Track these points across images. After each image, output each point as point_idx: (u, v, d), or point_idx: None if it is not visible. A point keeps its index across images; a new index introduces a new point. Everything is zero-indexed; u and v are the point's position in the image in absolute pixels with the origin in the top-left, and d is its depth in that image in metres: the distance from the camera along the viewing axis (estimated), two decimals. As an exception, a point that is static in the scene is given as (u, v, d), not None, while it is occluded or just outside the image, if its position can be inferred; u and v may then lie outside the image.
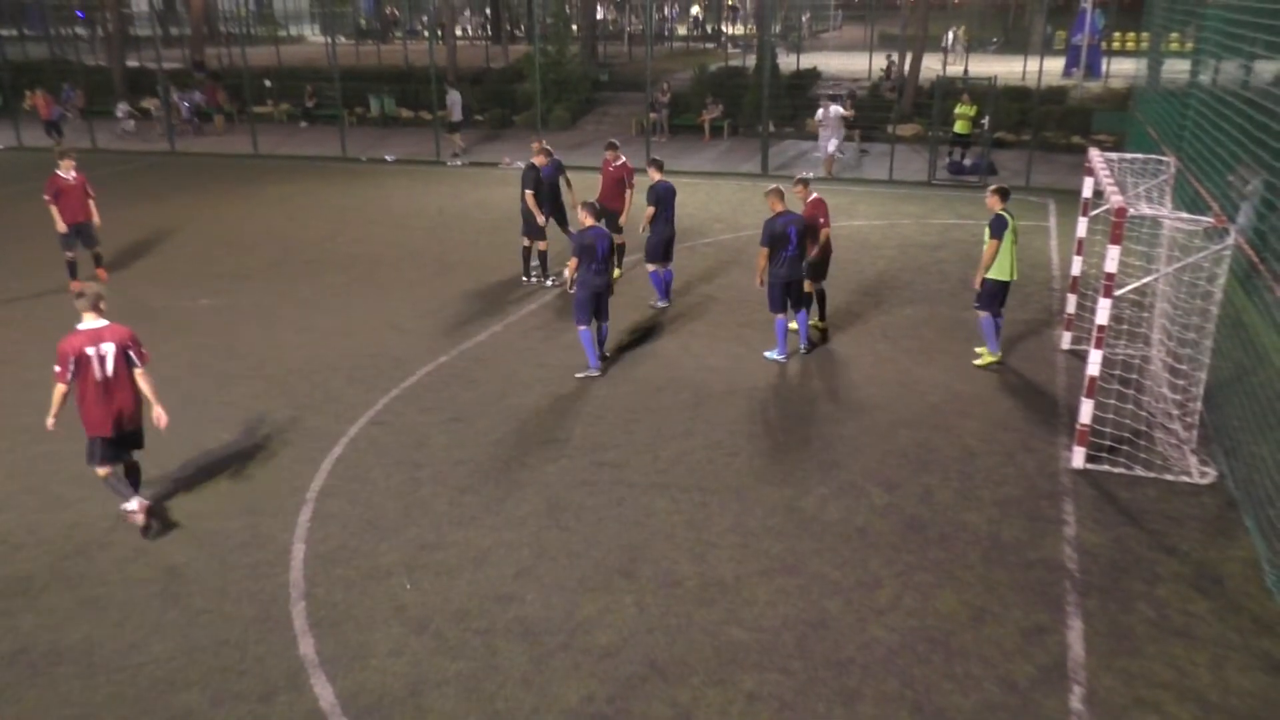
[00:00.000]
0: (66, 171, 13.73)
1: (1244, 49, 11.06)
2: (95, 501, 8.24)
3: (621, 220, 13.94)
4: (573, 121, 29.69)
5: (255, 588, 7.08)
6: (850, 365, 11.21)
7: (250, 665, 6.27)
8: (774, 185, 11.07)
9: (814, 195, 11.52)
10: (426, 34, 42.18)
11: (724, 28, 51.84)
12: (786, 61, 32.31)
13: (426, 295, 13.80)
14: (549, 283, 14.17)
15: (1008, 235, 10.50)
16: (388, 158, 25.01)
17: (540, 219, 13.70)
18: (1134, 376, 10.02)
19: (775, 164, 23.45)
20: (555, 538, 7.71)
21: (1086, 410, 8.60)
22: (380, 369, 11.09)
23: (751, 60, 31.92)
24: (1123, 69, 30.72)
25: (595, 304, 10.66)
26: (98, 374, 7.37)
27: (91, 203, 13.94)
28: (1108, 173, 9.95)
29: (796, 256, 10.87)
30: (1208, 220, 8.60)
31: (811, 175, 14.42)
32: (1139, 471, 8.64)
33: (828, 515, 8.03)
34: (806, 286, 11.36)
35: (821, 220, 11.35)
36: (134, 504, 7.73)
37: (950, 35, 36.83)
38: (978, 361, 11.12)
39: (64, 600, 6.94)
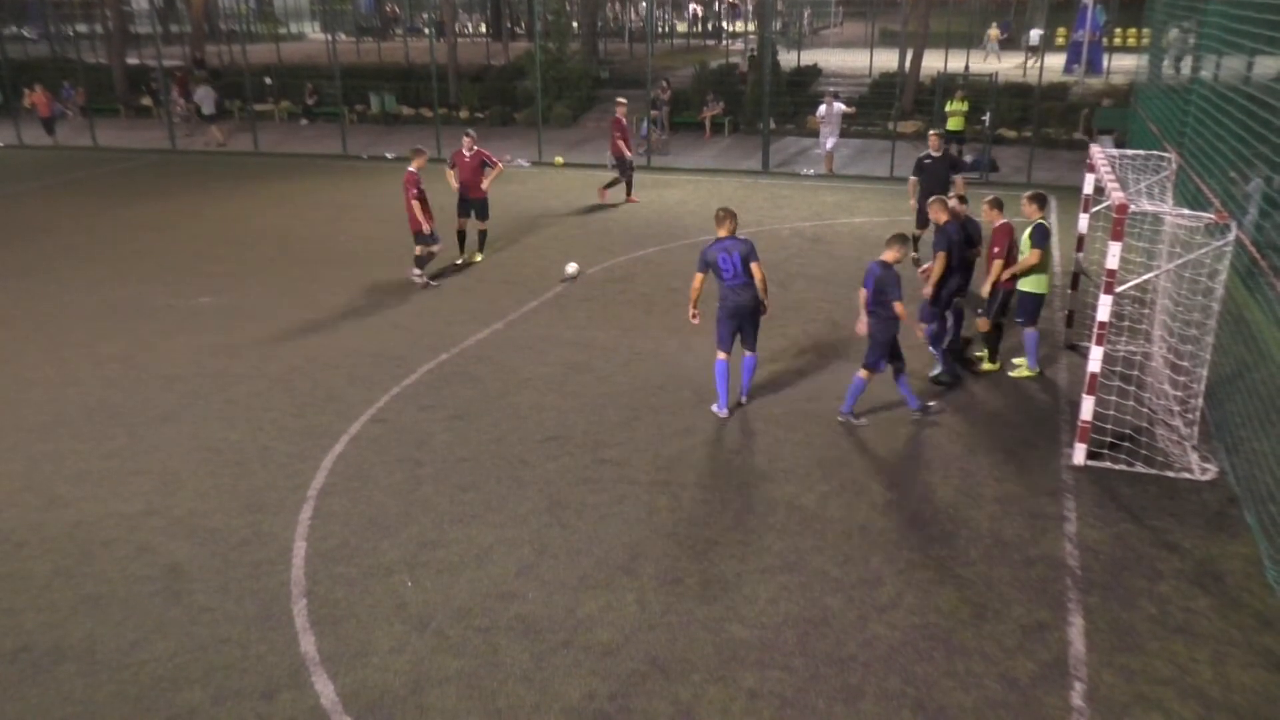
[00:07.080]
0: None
1: (1245, 44, 11.04)
2: (97, 500, 8.25)
3: (485, 186, 14.88)
4: (574, 119, 29.68)
5: (257, 585, 7.09)
6: (851, 363, 11.18)
7: (252, 663, 6.28)
8: (942, 197, 10.62)
9: (1003, 220, 10.36)
10: (427, 31, 42.12)
11: (724, 25, 51.78)
12: (787, 59, 32.25)
13: (427, 293, 13.80)
14: None
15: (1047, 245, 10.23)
16: (388, 155, 24.98)
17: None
18: (1135, 373, 10.01)
19: (776, 160, 23.44)
20: (556, 535, 7.71)
21: (1087, 407, 8.59)
22: (381, 367, 11.09)
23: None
24: (1124, 65, 30.70)
25: (734, 325, 9.61)
26: None
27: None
28: (1109, 169, 9.94)
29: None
30: (1209, 216, 8.59)
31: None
32: (1140, 468, 8.64)
33: (829, 512, 8.03)
34: (982, 325, 10.66)
35: (996, 249, 10.27)
36: None
37: (990, 38, 36.86)
38: (1013, 373, 10.81)
39: (66, 598, 6.95)
